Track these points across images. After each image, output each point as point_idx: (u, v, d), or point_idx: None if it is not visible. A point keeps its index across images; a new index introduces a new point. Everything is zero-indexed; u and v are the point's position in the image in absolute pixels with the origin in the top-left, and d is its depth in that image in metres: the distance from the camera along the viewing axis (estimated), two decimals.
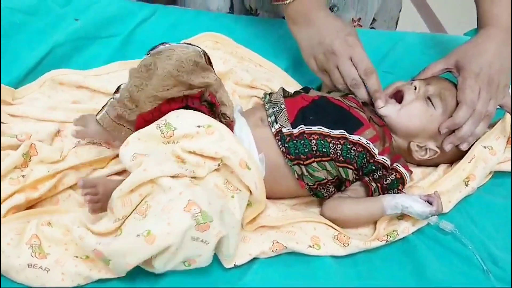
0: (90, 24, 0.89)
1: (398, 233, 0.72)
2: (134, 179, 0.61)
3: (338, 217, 0.71)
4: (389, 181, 0.73)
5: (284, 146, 0.71)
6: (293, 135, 0.71)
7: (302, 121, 0.72)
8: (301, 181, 0.71)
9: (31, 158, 0.68)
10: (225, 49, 0.91)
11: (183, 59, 0.65)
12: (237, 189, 0.65)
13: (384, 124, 0.78)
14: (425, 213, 0.70)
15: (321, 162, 0.71)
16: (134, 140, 0.65)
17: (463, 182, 0.78)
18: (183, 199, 0.59)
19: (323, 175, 0.71)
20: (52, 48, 0.84)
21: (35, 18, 0.88)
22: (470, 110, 0.77)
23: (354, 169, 0.72)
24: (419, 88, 0.79)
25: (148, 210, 0.59)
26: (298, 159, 0.71)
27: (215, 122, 0.67)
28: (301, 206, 0.76)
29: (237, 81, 0.87)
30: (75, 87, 0.81)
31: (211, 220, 0.59)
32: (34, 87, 0.80)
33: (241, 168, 0.64)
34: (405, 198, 0.71)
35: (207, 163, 0.64)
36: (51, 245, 0.61)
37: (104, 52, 0.87)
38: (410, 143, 0.79)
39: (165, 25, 0.94)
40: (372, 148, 0.72)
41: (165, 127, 0.64)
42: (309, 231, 0.69)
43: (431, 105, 0.78)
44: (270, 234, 0.68)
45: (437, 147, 0.79)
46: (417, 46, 1.04)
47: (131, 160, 0.63)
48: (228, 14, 1.03)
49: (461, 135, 0.78)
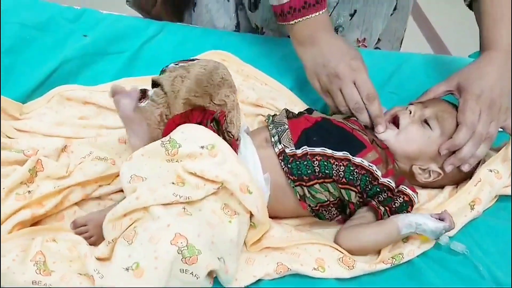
0: (98, 40, 0.90)
1: (404, 256, 0.71)
2: (126, 206, 0.61)
3: (357, 246, 0.70)
4: (397, 205, 0.72)
5: (287, 167, 0.71)
6: (296, 155, 0.71)
7: (305, 142, 0.73)
8: (303, 202, 0.71)
9: (37, 173, 0.68)
10: (231, 67, 0.91)
11: (214, 73, 0.69)
12: (235, 213, 0.65)
13: (386, 146, 0.78)
14: (439, 229, 0.70)
15: (323, 184, 0.71)
16: (137, 157, 0.65)
17: (469, 206, 0.78)
18: (170, 232, 0.59)
19: (325, 197, 0.71)
20: (61, 63, 0.85)
21: (44, 34, 0.89)
22: (470, 131, 0.77)
23: (357, 192, 0.72)
24: (414, 112, 0.80)
25: (135, 237, 0.59)
26: (301, 180, 0.71)
27: (219, 142, 0.67)
28: (305, 227, 0.76)
29: (243, 99, 0.88)
30: (82, 103, 0.81)
31: (198, 253, 0.59)
32: (42, 102, 0.80)
33: (242, 192, 0.64)
34: (418, 216, 0.71)
35: (206, 185, 0.64)
36: (56, 261, 0.61)
37: (111, 68, 0.87)
38: (412, 167, 0.79)
39: (172, 42, 0.94)
40: (375, 170, 0.72)
41: (169, 145, 0.65)
42: (314, 253, 0.69)
43: (427, 127, 0.79)
44: (274, 256, 0.68)
45: (440, 169, 0.79)
46: (422, 67, 1.04)
47: (128, 182, 0.63)
48: (234, 32, 1.04)
49: (462, 156, 0.78)
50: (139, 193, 0.62)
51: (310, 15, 0.82)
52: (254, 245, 0.68)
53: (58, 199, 0.67)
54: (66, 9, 0.94)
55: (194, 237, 0.60)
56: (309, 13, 0.82)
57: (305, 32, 0.83)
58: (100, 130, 0.78)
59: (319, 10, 0.82)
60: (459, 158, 0.78)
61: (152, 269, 0.58)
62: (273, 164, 0.72)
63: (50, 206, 0.66)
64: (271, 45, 1.00)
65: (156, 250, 0.58)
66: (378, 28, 1.04)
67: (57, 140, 0.74)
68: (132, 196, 0.62)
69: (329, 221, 0.74)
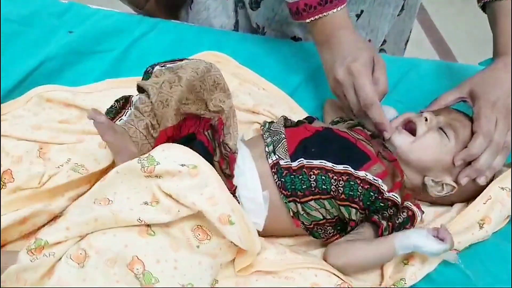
0: (85, 37, 0.84)
1: (406, 281, 0.66)
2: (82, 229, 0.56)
3: (344, 264, 0.65)
4: (400, 220, 0.68)
5: (280, 180, 0.65)
6: (291, 168, 0.66)
7: (302, 153, 0.67)
8: (296, 220, 0.66)
9: (6, 184, 0.63)
10: (227, 69, 0.85)
11: (206, 76, 0.64)
12: (206, 237, 0.59)
13: (395, 159, 0.72)
14: (439, 252, 0.65)
15: (319, 200, 0.65)
16: (112, 175, 0.59)
17: (478, 224, 0.73)
18: (127, 254, 0.54)
19: (321, 215, 0.66)
20: (42, 61, 0.79)
21: (27, 29, 0.84)
22: (486, 140, 0.73)
23: (359, 208, 0.66)
24: (430, 119, 0.75)
25: (87, 260, 0.54)
26: (294, 196, 0.65)
27: (203, 163, 0.60)
28: (301, 247, 0.70)
29: (238, 105, 0.82)
30: (63, 105, 0.75)
31: (155, 281, 0.54)
32: (19, 103, 0.74)
33: (221, 224, 0.57)
34: (418, 238, 0.65)
35: (181, 211, 0.57)
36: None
37: (97, 68, 0.82)
38: (424, 178, 0.74)
39: (164, 42, 0.89)
40: (380, 185, 0.67)
41: (146, 161, 0.59)
42: (309, 277, 0.63)
43: (444, 136, 0.74)
44: (266, 280, 0.62)
45: (455, 182, 0.74)
46: (430, 75, 0.99)
47: (94, 203, 0.58)
48: (232, 32, 0.99)
49: (478, 167, 0.73)
50: (98, 215, 0.56)
51: (327, 12, 0.76)
52: (243, 270, 0.62)
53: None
54: (52, 2, 0.88)
55: (153, 262, 0.55)
56: (326, 10, 0.76)
57: (323, 31, 0.78)
58: (81, 135, 0.72)
59: (337, 6, 0.76)
60: (476, 169, 0.73)
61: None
62: (267, 177, 0.66)
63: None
64: (271, 47, 0.95)
65: (116, 273, 0.54)
66: (384, 29, 1.00)
67: (32, 145, 0.68)
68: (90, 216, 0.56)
69: (325, 241, 0.69)
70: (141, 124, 0.62)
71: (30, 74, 0.78)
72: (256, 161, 0.67)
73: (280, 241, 0.69)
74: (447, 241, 0.65)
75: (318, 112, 0.87)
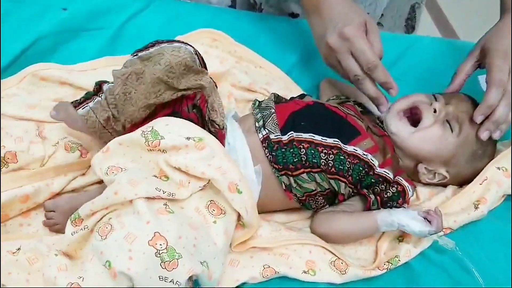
0: (79, 15, 0.83)
1: (400, 258, 0.67)
2: (104, 202, 0.56)
3: (327, 232, 0.66)
4: (389, 194, 0.67)
5: (271, 155, 0.65)
6: (282, 142, 0.66)
7: (292, 127, 0.67)
8: (288, 193, 0.66)
9: (8, 165, 0.63)
10: (223, 47, 0.85)
11: (173, 64, 0.61)
12: (221, 212, 0.60)
13: (384, 134, 0.72)
14: (423, 233, 0.65)
15: (310, 173, 0.65)
16: (114, 145, 0.59)
17: (473, 205, 0.73)
18: (149, 230, 0.54)
19: (313, 187, 0.66)
20: (36, 39, 0.78)
21: (20, 6, 0.83)
22: (500, 89, 0.71)
23: (348, 183, 0.67)
24: (440, 111, 0.72)
25: (111, 233, 0.54)
26: (286, 169, 0.65)
27: (208, 136, 0.61)
28: (297, 224, 0.70)
29: (234, 83, 0.81)
30: (58, 83, 0.75)
31: (179, 257, 0.53)
32: (13, 81, 0.74)
33: (230, 192, 0.58)
34: (402, 216, 0.65)
35: (191, 183, 0.58)
36: (12, 272, 0.56)
37: (92, 45, 0.81)
38: (418, 165, 0.73)
39: (160, 19, 0.88)
40: (370, 159, 0.67)
41: (150, 135, 0.59)
42: (304, 254, 0.64)
43: (448, 128, 0.72)
44: (261, 257, 0.63)
45: (447, 172, 0.73)
46: (430, 52, 0.98)
47: (105, 174, 0.58)
48: (229, 9, 0.97)
49: (496, 118, 0.72)
50: (117, 187, 0.57)
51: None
52: (239, 245, 0.63)
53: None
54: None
55: (175, 239, 0.54)
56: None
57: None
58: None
59: None
60: (494, 121, 0.72)
61: (125, 269, 0.52)
62: (258, 151, 0.66)
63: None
64: (268, 24, 0.93)
65: (132, 249, 0.53)
66: (382, 2, 0.98)
67: (28, 124, 0.68)
68: (110, 190, 0.57)
69: (314, 210, 0.69)
70: (103, 115, 0.62)
71: (24, 52, 0.77)
72: (247, 137, 0.67)
73: (275, 219, 0.70)
74: (433, 224, 0.65)
75: (314, 90, 0.86)
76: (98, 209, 0.57)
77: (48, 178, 0.63)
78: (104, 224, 0.56)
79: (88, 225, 0.57)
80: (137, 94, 0.61)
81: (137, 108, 0.62)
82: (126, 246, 0.53)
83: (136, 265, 0.53)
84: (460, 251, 0.68)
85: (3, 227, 0.61)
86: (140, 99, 0.61)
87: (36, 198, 0.63)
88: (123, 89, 0.61)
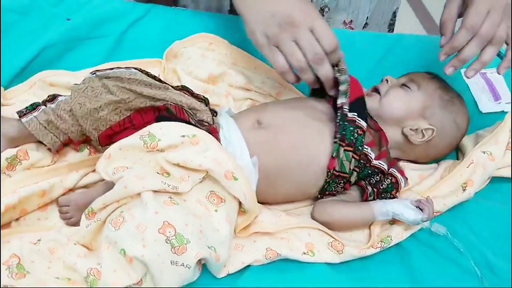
0: (82, 24, 0.87)
1: (392, 238, 0.71)
2: (114, 196, 0.60)
3: (328, 219, 0.71)
4: (384, 186, 0.72)
5: (339, 123, 0.69)
6: (347, 117, 0.70)
7: (357, 109, 0.71)
8: (333, 160, 0.69)
9: (21, 162, 0.67)
10: (219, 50, 0.89)
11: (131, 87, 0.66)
12: (221, 201, 0.64)
13: (380, 128, 0.76)
14: (416, 221, 0.69)
15: (349, 152, 0.70)
16: (115, 151, 0.64)
17: (461, 187, 0.77)
18: (158, 220, 0.58)
19: (347, 169, 0.70)
20: (43, 48, 0.82)
21: (26, 18, 0.86)
22: (469, 32, 0.72)
23: (357, 172, 0.72)
24: (391, 80, 0.80)
25: (123, 224, 0.59)
26: (342, 141, 0.69)
27: (200, 131, 0.65)
28: (296, 211, 0.75)
29: (231, 83, 0.86)
30: (66, 88, 0.79)
31: (187, 242, 0.58)
32: (24, 88, 0.78)
33: (227, 179, 0.63)
34: (396, 205, 0.70)
35: (191, 176, 0.63)
36: (35, 261, 0.60)
37: (96, 53, 0.85)
38: (403, 130, 0.78)
39: (159, 25, 0.91)
40: (369, 152, 0.71)
41: (148, 138, 0.63)
42: (303, 237, 0.68)
43: (408, 88, 0.79)
44: (263, 241, 0.67)
45: (431, 125, 0.77)
46: (414, 49, 1.01)
47: (113, 174, 0.62)
48: (225, 15, 1.01)
49: (463, 57, 0.74)
50: (126, 181, 0.61)
51: None
52: (242, 231, 0.67)
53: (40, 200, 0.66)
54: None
55: (182, 226, 0.59)
56: None
57: None
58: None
59: None
60: (461, 59, 0.75)
61: (139, 256, 0.56)
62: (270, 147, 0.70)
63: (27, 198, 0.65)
64: None
65: (144, 238, 0.57)
66: (365, 10, 1.01)
67: None
68: (120, 185, 0.61)
69: (323, 197, 0.73)
70: (44, 117, 0.67)
71: (32, 61, 0.81)
72: (246, 130, 0.71)
73: (275, 207, 0.74)
74: (425, 212, 0.69)
75: (307, 88, 0.89)
76: (109, 202, 0.61)
77: (61, 174, 0.68)
78: (117, 217, 0.60)
79: (101, 218, 0.62)
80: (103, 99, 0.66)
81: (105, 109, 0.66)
82: (138, 235, 0.57)
83: (149, 251, 0.57)
84: (449, 231, 0.72)
85: (22, 221, 0.65)
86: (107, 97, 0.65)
87: (52, 194, 0.67)
88: (79, 100, 0.66)
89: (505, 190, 0.80)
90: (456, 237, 0.72)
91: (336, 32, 0.71)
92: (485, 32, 0.72)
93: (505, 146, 0.81)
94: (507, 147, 0.81)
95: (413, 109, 0.78)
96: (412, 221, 0.69)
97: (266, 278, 0.65)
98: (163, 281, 0.58)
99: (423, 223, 0.71)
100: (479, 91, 0.95)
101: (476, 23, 0.71)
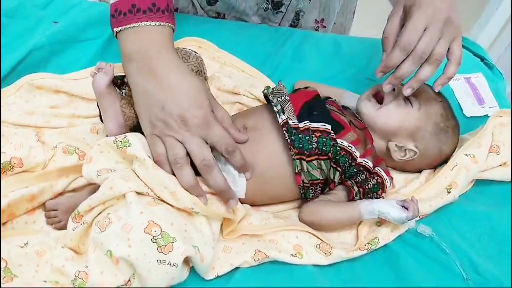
0: (70, 27, 0.87)
1: (379, 240, 0.72)
2: (100, 198, 0.60)
3: (316, 221, 0.71)
4: (370, 186, 0.73)
5: (290, 139, 0.69)
6: (299, 129, 0.70)
7: (307, 116, 0.71)
8: (298, 177, 0.70)
9: (14, 168, 0.67)
10: (207, 54, 0.90)
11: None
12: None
13: (365, 127, 0.78)
14: (401, 219, 0.70)
15: (318, 160, 0.70)
16: (96, 154, 0.64)
17: (446, 190, 0.78)
18: (143, 219, 0.58)
19: (318, 175, 0.71)
20: (30, 51, 0.82)
21: (13, 21, 0.86)
22: (403, 51, 0.71)
23: (340, 172, 0.72)
24: (398, 89, 0.79)
25: (109, 226, 0.59)
26: (302, 154, 0.69)
27: None
28: (284, 214, 0.75)
29: (219, 86, 0.86)
30: (53, 92, 0.79)
31: (173, 241, 0.58)
32: (11, 91, 0.77)
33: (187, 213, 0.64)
34: (382, 204, 0.71)
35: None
36: (22, 264, 0.59)
37: (83, 55, 0.85)
38: (388, 143, 0.79)
39: None
40: (354, 151, 0.72)
41: (121, 143, 0.63)
42: (291, 239, 0.69)
43: (409, 104, 0.79)
44: (252, 243, 0.67)
45: (416, 148, 0.78)
46: None
47: (97, 176, 0.62)
48: (212, 19, 1.02)
49: (399, 74, 0.73)
50: (112, 182, 0.61)
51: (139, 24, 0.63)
52: (230, 233, 0.67)
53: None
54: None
55: (167, 225, 0.59)
56: (138, 21, 0.63)
57: (140, 51, 0.63)
58: (72, 119, 0.76)
59: (155, 20, 0.63)
60: (397, 77, 0.74)
61: (126, 256, 0.57)
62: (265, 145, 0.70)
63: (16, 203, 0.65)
64: (249, 31, 0.98)
65: (129, 238, 0.57)
66: (335, 7, 1.03)
67: (28, 130, 0.72)
68: (106, 186, 0.61)
69: (308, 200, 0.73)
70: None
71: (18, 64, 0.81)
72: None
73: (264, 209, 0.74)
74: (410, 210, 0.70)
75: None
76: (95, 204, 0.61)
77: (51, 179, 0.67)
78: (103, 218, 0.60)
79: (87, 220, 0.61)
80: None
81: None
82: (124, 235, 0.57)
83: (135, 251, 0.57)
84: (435, 232, 0.73)
85: (9, 225, 0.65)
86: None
87: (41, 198, 0.66)
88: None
89: (488, 192, 0.82)
90: (441, 238, 0.73)
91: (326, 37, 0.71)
92: (420, 50, 0.70)
93: (488, 149, 0.82)
94: (490, 150, 0.83)
95: (407, 128, 0.78)
96: (398, 219, 0.70)
97: (255, 280, 0.65)
98: (151, 280, 0.58)
99: (409, 223, 0.72)
100: (464, 95, 0.97)
101: (412, 40, 0.70)
